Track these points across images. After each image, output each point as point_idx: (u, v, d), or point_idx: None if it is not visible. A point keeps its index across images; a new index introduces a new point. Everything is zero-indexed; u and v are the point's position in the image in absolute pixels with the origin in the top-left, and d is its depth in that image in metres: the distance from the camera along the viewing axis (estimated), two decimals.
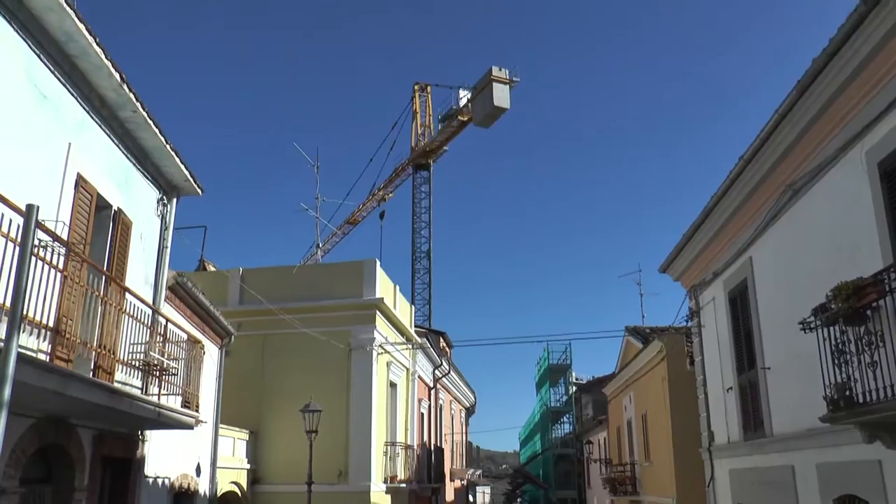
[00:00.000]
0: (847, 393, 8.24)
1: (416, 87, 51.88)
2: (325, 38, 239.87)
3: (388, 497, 18.87)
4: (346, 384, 17.65)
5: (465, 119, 48.43)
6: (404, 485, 20.13)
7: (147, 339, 8.97)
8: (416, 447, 22.46)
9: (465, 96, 48.47)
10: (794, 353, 10.92)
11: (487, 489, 70.23)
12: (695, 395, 19.20)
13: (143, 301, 8.83)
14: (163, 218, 11.08)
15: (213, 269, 20.00)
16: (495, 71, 45.60)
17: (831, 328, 8.56)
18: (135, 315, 8.52)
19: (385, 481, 18.64)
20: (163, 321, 9.50)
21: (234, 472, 16.02)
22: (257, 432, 17.48)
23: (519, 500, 66.07)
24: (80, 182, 8.59)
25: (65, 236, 7.70)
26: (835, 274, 9.46)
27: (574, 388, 42.86)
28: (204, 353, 11.22)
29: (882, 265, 8.15)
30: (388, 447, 19.23)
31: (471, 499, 38.82)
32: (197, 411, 10.94)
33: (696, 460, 18.77)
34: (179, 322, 10.93)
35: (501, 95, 45.70)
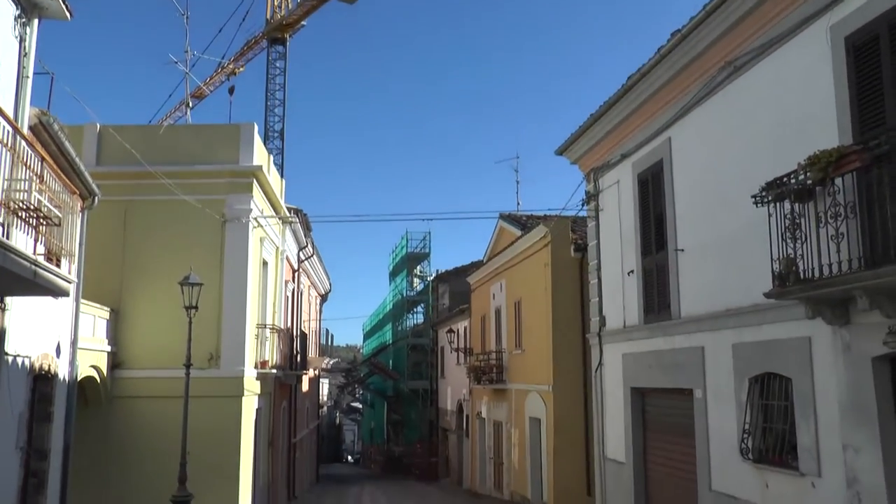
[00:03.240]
0: (794, 268, 8.27)
1: None
2: None
3: (259, 384, 18.01)
4: (219, 260, 16.29)
5: None
6: (274, 371, 19.31)
7: (11, 175, 7.35)
8: (283, 332, 21.59)
9: None
10: (716, 234, 11.00)
11: (325, 381, 70.88)
12: (576, 282, 19.61)
13: (9, 121, 7.13)
14: (22, 40, 9.14)
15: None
16: None
17: (781, 203, 8.52)
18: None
19: (255, 366, 17.72)
20: (35, 158, 7.83)
21: (93, 355, 14.50)
22: (118, 311, 15.89)
23: (361, 392, 67.08)
24: None
25: None
26: (777, 152, 9.44)
27: (431, 277, 43.01)
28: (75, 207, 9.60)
29: (838, 141, 8.12)
30: (259, 330, 18.22)
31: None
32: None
33: (573, 347, 19.34)
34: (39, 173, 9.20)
35: None
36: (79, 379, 13.37)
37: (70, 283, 8.70)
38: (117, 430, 15.76)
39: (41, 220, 7.56)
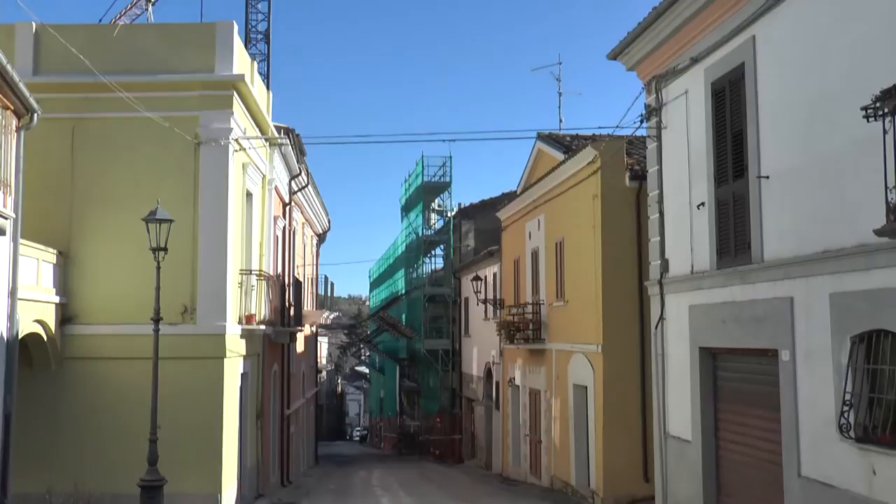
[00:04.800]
0: None
1: None
2: None
3: (244, 343, 18.11)
4: (193, 190, 16.19)
5: None
6: (262, 327, 19.38)
7: None
8: (273, 279, 21.63)
9: None
10: (811, 156, 10.82)
11: (324, 340, 71.81)
12: (633, 218, 19.42)
13: None
14: None
15: None
16: None
17: None
18: None
19: (240, 322, 17.79)
20: None
21: (38, 307, 14.60)
22: (67, 254, 15.93)
23: (367, 354, 67.88)
24: None
25: None
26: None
27: (453, 213, 42.79)
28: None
29: None
30: (244, 277, 18.25)
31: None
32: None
33: (628, 298, 19.22)
34: None
35: None
36: (21, 336, 13.51)
37: (6, 219, 8.62)
38: (71, 399, 15.94)
39: None
